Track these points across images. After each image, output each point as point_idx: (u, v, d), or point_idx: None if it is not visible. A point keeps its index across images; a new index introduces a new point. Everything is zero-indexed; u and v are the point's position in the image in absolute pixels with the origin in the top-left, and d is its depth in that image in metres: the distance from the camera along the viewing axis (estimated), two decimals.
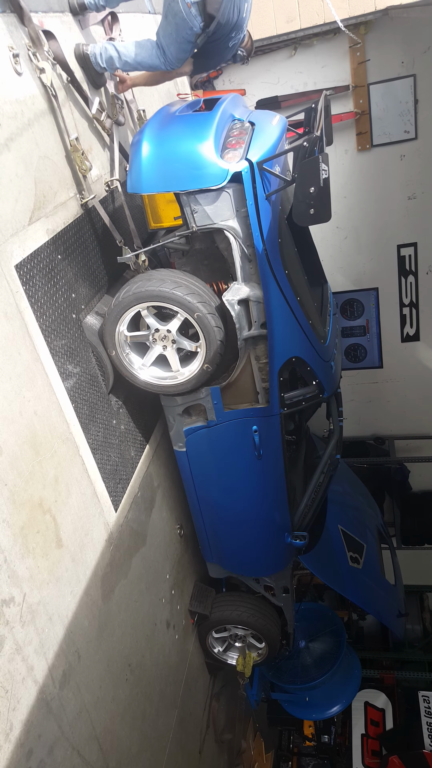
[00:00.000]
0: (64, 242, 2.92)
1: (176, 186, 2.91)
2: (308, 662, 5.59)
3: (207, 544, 4.39)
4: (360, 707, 6.89)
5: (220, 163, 2.82)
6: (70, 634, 2.79)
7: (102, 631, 3.14)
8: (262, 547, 4.24)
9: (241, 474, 3.83)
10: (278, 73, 5.50)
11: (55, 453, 2.74)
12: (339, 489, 5.28)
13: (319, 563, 4.60)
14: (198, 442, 3.75)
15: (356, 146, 5.71)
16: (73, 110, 3.08)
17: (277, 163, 3.03)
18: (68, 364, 2.93)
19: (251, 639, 4.88)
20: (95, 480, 3.12)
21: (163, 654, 4.06)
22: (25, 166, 2.61)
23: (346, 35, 5.00)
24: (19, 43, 2.61)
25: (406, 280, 6.39)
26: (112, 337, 3.19)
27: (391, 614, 5.46)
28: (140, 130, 3.00)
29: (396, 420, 7.34)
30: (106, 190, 3.37)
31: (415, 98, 5.38)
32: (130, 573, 3.54)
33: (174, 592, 4.29)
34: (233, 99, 3.41)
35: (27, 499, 2.50)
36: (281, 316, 3.24)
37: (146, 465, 3.87)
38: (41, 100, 2.77)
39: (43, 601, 2.58)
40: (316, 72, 5.44)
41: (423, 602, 8.17)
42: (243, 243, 3.03)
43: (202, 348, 3.18)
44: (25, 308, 2.56)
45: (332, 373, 3.86)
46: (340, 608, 7.42)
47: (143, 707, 3.66)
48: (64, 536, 2.79)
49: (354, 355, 7.03)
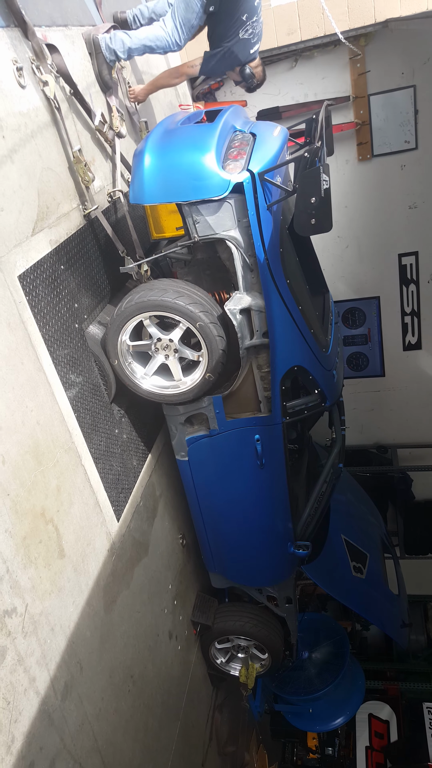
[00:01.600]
0: (67, 253, 2.93)
1: (178, 197, 2.92)
2: (312, 673, 5.55)
3: (209, 553, 4.37)
4: (364, 719, 6.83)
5: (222, 174, 2.84)
6: (72, 644, 2.78)
7: (104, 641, 3.12)
8: (264, 557, 4.22)
9: (244, 483, 3.82)
10: (279, 84, 5.54)
11: (58, 462, 2.74)
12: (342, 498, 5.26)
13: (322, 573, 4.57)
14: (200, 451, 3.75)
15: (357, 156, 5.75)
16: (76, 122, 3.11)
17: (278, 173, 3.04)
18: (71, 373, 2.94)
19: (254, 650, 4.85)
20: (97, 489, 3.12)
21: (166, 665, 4.04)
22: (28, 178, 2.63)
23: (347, 47, 5.05)
24: (22, 56, 2.64)
25: (407, 288, 6.41)
26: (114, 347, 3.20)
27: (394, 624, 5.42)
28: (142, 142, 3.02)
29: (398, 429, 7.33)
30: (108, 201, 3.39)
31: (415, 109, 5.42)
32: (133, 583, 3.52)
33: (176, 603, 4.27)
34: (234, 110, 3.43)
35: (29, 509, 2.50)
36: (283, 325, 3.24)
37: (148, 474, 3.87)
38: (44, 112, 2.80)
39: (45, 611, 2.57)
40: (316, 83, 5.49)
41: (427, 612, 8.11)
42: (245, 253, 3.04)
43: (204, 357, 3.19)
44: (28, 318, 2.58)
45: (334, 382, 3.85)
46: (343, 618, 7.37)
47: (145, 719, 3.63)
48: (67, 546, 2.78)
49: (356, 364, 7.03)
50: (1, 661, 2.26)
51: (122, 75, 3.70)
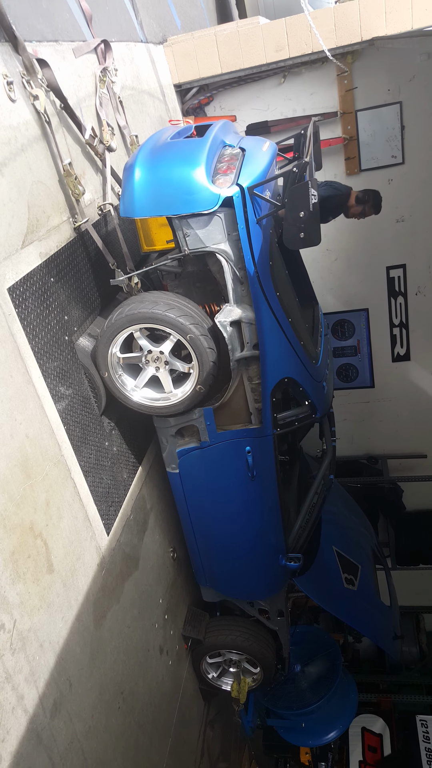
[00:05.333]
0: (57, 265, 2.94)
1: (168, 210, 2.94)
2: (304, 687, 5.50)
3: (200, 567, 4.35)
4: (357, 733, 6.76)
5: (212, 188, 2.86)
6: (61, 661, 2.74)
7: (94, 658, 3.08)
8: (256, 570, 4.20)
9: (235, 495, 3.81)
10: (268, 99, 5.61)
11: (47, 476, 2.72)
12: (333, 509, 5.26)
13: (314, 585, 4.55)
14: (191, 463, 3.74)
15: (345, 171, 5.82)
16: (66, 136, 3.13)
17: (267, 187, 3.08)
18: (60, 386, 2.93)
19: (246, 664, 4.81)
20: (87, 503, 3.10)
21: (157, 681, 3.99)
22: (18, 191, 2.64)
23: (334, 64, 5.13)
24: (13, 71, 2.66)
25: (395, 300, 6.46)
26: (104, 359, 3.19)
27: (387, 636, 5.40)
28: (133, 156, 3.04)
29: (389, 439, 7.35)
30: (99, 214, 3.40)
31: (401, 124, 5.51)
32: (123, 598, 3.49)
33: (167, 617, 4.23)
34: (224, 125, 3.47)
35: (18, 524, 2.47)
36: (273, 337, 3.26)
37: (139, 487, 3.85)
38: (35, 126, 2.81)
39: (34, 627, 2.53)
40: (304, 99, 5.56)
41: (419, 624, 8.07)
42: (235, 266, 3.06)
43: (194, 369, 3.19)
44: (18, 331, 2.57)
45: (324, 393, 3.87)
46: (335, 631, 7.31)
47: (136, 736, 3.58)
48: (56, 561, 2.75)
49: (346, 375, 7.06)
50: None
51: (112, 89, 3.73)
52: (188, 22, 6.26)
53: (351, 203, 4.83)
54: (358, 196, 4.80)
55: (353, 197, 4.81)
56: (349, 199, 4.82)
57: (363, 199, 4.81)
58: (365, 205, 4.84)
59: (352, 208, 4.85)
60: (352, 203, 4.82)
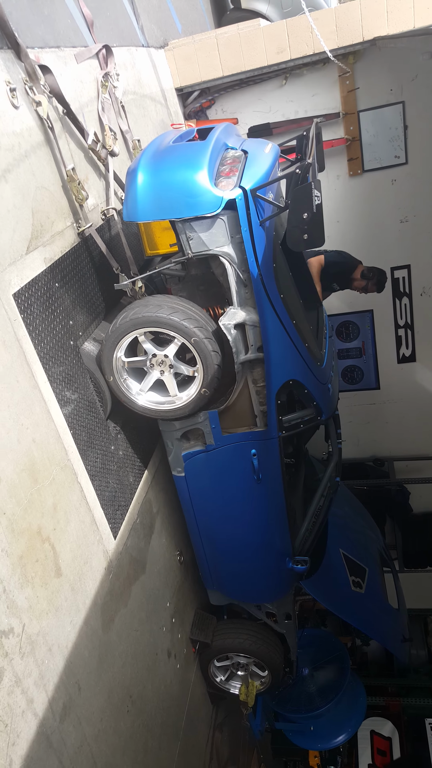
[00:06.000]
0: (62, 270, 2.94)
1: (172, 214, 2.95)
2: (312, 690, 5.48)
3: (207, 570, 4.34)
4: (366, 736, 6.74)
5: (215, 191, 2.86)
6: (70, 665, 2.74)
7: (102, 661, 3.08)
8: (263, 573, 4.19)
9: (241, 498, 3.80)
10: (270, 102, 5.62)
11: (54, 480, 2.73)
12: (339, 512, 5.24)
13: (321, 588, 4.54)
14: (197, 466, 3.73)
15: (348, 172, 5.81)
16: (69, 141, 3.14)
17: (270, 189, 3.08)
18: (66, 390, 2.93)
19: (254, 667, 4.79)
20: (94, 507, 3.10)
21: (165, 684, 3.98)
22: (22, 197, 2.65)
23: (336, 65, 5.13)
24: (15, 77, 2.67)
25: (400, 301, 6.45)
26: (109, 363, 3.20)
27: (395, 639, 5.38)
28: (135, 160, 3.06)
29: (395, 441, 7.33)
30: (102, 219, 3.41)
31: (404, 124, 5.50)
32: (130, 601, 3.49)
33: (175, 621, 4.22)
34: (226, 128, 3.48)
35: (26, 528, 2.48)
36: (277, 340, 3.26)
37: (145, 491, 3.85)
38: (38, 132, 2.82)
39: (42, 631, 2.53)
40: (306, 100, 5.56)
41: (427, 626, 8.05)
42: (238, 268, 3.06)
43: (199, 372, 3.19)
44: (23, 336, 2.57)
45: (330, 396, 3.86)
46: (343, 634, 7.30)
47: (145, 739, 3.57)
48: (63, 565, 2.75)
49: (351, 377, 7.05)
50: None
51: (114, 94, 3.74)
52: (189, 25, 6.28)
53: (356, 276, 4.91)
54: (363, 272, 4.87)
55: (359, 271, 4.89)
56: (355, 271, 4.89)
57: (368, 276, 4.90)
58: (369, 282, 4.94)
59: (355, 281, 4.94)
60: (357, 276, 4.91)
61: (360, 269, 4.91)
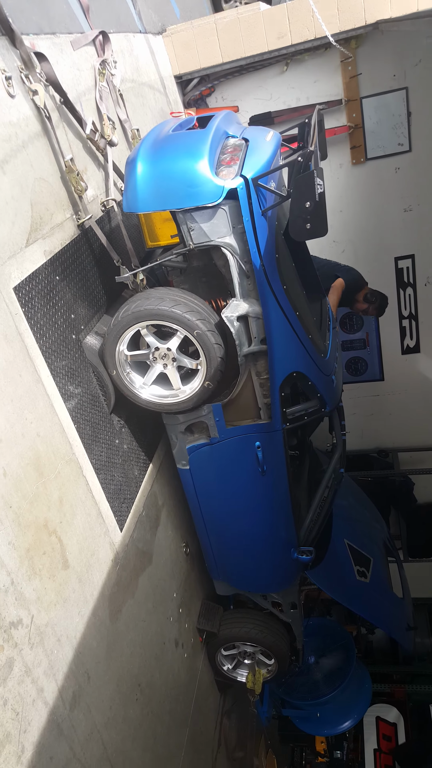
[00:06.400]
0: (62, 263, 2.93)
1: (172, 204, 2.91)
2: (318, 678, 5.53)
3: (213, 561, 4.36)
4: (371, 722, 6.82)
5: (216, 181, 2.83)
6: (79, 655, 2.77)
7: (111, 651, 3.11)
8: (268, 564, 4.20)
9: (246, 490, 3.80)
10: (270, 89, 5.54)
11: (59, 474, 2.73)
12: (344, 503, 5.25)
13: (327, 578, 4.56)
14: (201, 459, 3.73)
15: (351, 160, 5.75)
16: (67, 131, 3.10)
17: (272, 178, 3.04)
18: (69, 384, 2.93)
19: (260, 656, 4.83)
20: (99, 500, 3.11)
21: (173, 673, 4.02)
22: (20, 189, 2.62)
23: (338, 50, 5.05)
24: (11, 65, 2.62)
25: (404, 292, 6.40)
26: (112, 357, 3.19)
27: (399, 628, 5.40)
28: (135, 149, 3.02)
29: (399, 432, 7.32)
30: (102, 210, 3.39)
31: (408, 111, 5.42)
32: (137, 592, 3.51)
33: (182, 611, 4.25)
34: (226, 116, 3.43)
35: (32, 521, 2.49)
36: (281, 332, 3.23)
37: (150, 484, 3.85)
38: (35, 121, 2.79)
39: (51, 622, 2.55)
40: (308, 87, 5.49)
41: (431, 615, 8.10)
42: (240, 259, 3.03)
43: (202, 365, 3.18)
44: (25, 330, 2.57)
45: (334, 387, 3.85)
46: (348, 623, 7.35)
47: (154, 727, 3.61)
48: (70, 557, 2.77)
49: (355, 369, 7.02)
50: (8, 673, 2.25)
51: (112, 82, 3.69)
52: (187, 10, 6.17)
53: (359, 298, 4.94)
54: (366, 295, 4.91)
55: (363, 293, 4.92)
56: (359, 293, 4.92)
57: (370, 299, 4.95)
58: (370, 306, 5.00)
59: (357, 303, 4.97)
60: (360, 299, 4.94)
61: (364, 291, 4.92)
